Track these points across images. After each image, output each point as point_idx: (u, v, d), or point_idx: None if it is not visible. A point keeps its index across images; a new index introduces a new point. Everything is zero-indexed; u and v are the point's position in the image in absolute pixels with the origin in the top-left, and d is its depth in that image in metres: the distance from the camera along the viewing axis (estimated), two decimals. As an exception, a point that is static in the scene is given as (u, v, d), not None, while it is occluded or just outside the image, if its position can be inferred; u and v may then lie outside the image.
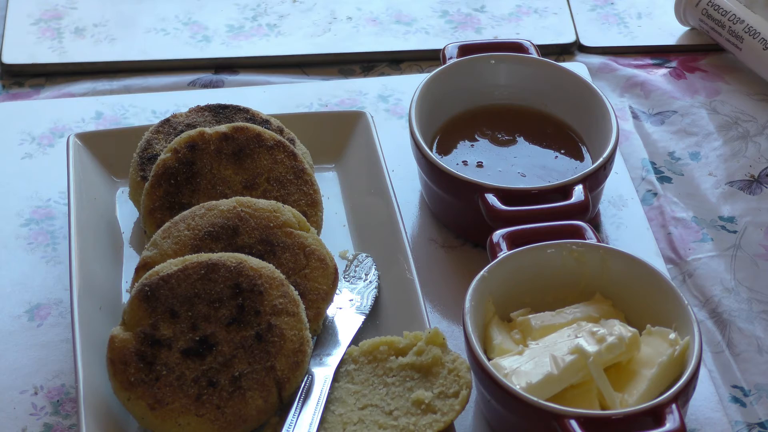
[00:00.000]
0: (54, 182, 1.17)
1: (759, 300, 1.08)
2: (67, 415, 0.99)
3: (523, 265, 1.00)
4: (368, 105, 1.26)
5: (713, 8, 1.31)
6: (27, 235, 1.12)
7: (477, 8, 1.40)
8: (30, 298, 1.07)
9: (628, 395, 0.92)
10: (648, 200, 1.17)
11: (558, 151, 1.16)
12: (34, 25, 1.35)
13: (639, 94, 1.29)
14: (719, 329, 1.06)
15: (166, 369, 0.93)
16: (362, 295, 1.04)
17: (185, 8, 1.38)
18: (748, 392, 1.02)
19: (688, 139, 1.24)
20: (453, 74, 1.18)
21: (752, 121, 1.25)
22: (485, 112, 1.19)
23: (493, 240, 1.02)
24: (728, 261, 1.12)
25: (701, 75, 1.31)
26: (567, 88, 1.18)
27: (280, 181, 1.06)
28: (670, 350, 0.94)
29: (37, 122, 1.23)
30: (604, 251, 1.01)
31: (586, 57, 1.33)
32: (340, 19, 1.37)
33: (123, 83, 1.29)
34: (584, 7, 1.39)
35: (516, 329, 0.98)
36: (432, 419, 0.92)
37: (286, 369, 0.94)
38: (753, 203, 1.17)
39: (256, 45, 1.34)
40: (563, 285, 1.01)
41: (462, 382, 0.94)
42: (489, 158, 1.15)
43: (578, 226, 1.03)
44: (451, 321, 1.05)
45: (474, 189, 1.07)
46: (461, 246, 1.12)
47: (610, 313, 0.99)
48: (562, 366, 0.92)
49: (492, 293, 0.99)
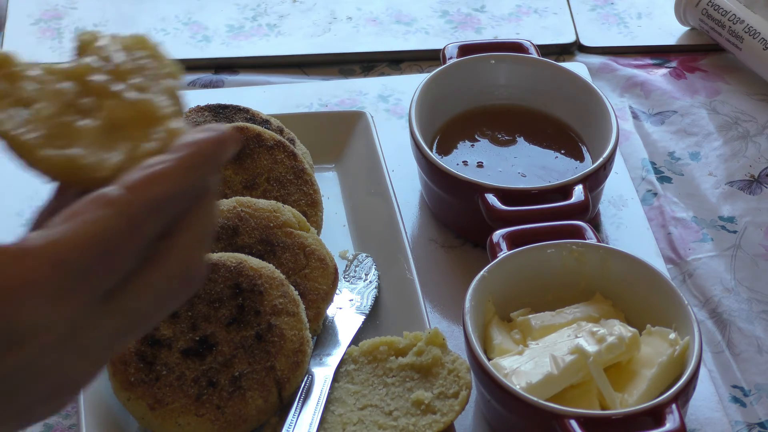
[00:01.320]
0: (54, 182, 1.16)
1: (759, 300, 1.08)
2: (66, 415, 0.99)
3: (523, 265, 1.00)
4: (368, 105, 1.26)
5: (713, 8, 1.31)
6: (27, 235, 1.12)
7: (477, 8, 1.40)
8: (30, 298, 1.07)
9: (628, 395, 0.92)
10: (648, 200, 1.17)
11: (558, 151, 1.16)
12: (34, 25, 1.35)
13: (639, 94, 1.29)
14: (719, 329, 1.06)
15: (166, 369, 0.92)
16: (362, 295, 1.04)
17: (185, 8, 1.38)
18: (748, 392, 1.02)
19: (688, 139, 1.24)
20: (453, 74, 1.18)
21: (752, 121, 1.25)
22: (485, 112, 1.19)
23: (493, 240, 1.02)
24: (728, 261, 1.12)
25: (701, 75, 1.31)
26: (567, 88, 1.18)
27: (280, 181, 1.06)
28: (670, 350, 0.94)
29: (37, 122, 1.23)
30: (604, 251, 1.01)
31: (586, 57, 1.33)
32: (340, 19, 1.37)
33: (123, 83, 1.29)
34: (584, 7, 1.39)
35: (516, 329, 0.98)
36: (432, 420, 0.92)
37: (286, 369, 0.93)
38: (753, 203, 1.17)
39: (256, 45, 1.34)
40: (563, 285, 1.01)
41: (462, 382, 0.94)
42: (489, 158, 1.15)
43: (578, 226, 1.03)
44: (451, 321, 1.05)
45: (474, 189, 1.07)
46: (461, 246, 1.12)
47: (610, 313, 0.99)
48: (562, 366, 0.92)
49: (492, 293, 0.99)
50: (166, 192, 0.60)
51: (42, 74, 0.64)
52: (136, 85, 0.65)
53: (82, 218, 0.58)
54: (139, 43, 0.67)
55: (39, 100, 0.62)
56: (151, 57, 0.67)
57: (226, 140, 0.63)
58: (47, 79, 0.64)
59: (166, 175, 0.60)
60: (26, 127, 0.61)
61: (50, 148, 0.61)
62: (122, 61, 0.66)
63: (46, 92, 0.63)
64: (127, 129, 0.63)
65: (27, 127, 0.62)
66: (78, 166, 0.61)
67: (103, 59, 0.65)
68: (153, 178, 0.60)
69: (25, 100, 0.62)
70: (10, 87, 0.62)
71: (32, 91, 0.63)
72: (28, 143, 0.61)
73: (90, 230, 0.58)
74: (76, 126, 0.62)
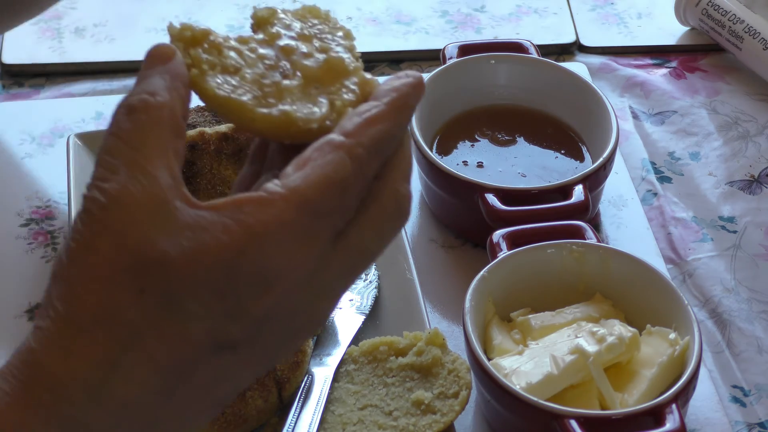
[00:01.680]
0: (54, 182, 1.17)
1: (759, 300, 1.08)
2: (67, 415, 0.99)
3: (523, 265, 1.00)
4: (368, 105, 1.26)
5: (713, 8, 1.31)
6: (27, 235, 1.12)
7: (477, 8, 1.40)
8: (30, 298, 1.07)
9: (628, 395, 0.92)
10: (648, 200, 1.17)
11: (558, 152, 1.16)
12: (34, 25, 1.35)
13: (639, 94, 1.29)
14: (719, 329, 1.06)
15: (166, 369, 0.92)
16: (362, 295, 1.04)
17: (185, 8, 1.38)
18: (748, 392, 1.02)
19: (688, 139, 1.24)
20: (453, 74, 1.18)
21: (752, 121, 1.25)
22: (485, 112, 1.19)
23: (493, 240, 1.02)
24: (728, 261, 1.12)
25: (701, 75, 1.31)
26: (567, 88, 1.18)
27: (280, 181, 1.06)
28: (670, 350, 0.94)
29: (37, 122, 1.23)
30: (604, 251, 1.01)
31: (586, 57, 1.33)
32: (340, 19, 1.37)
33: (123, 83, 1.29)
34: (584, 7, 1.39)
35: (516, 329, 0.98)
36: (432, 420, 0.92)
37: (286, 369, 0.93)
38: (753, 203, 1.17)
39: (256, 45, 1.34)
40: (563, 285, 1.01)
41: (462, 382, 0.94)
42: (489, 158, 1.15)
43: (578, 226, 1.03)
44: (451, 321, 1.05)
45: (474, 189, 1.07)
46: (461, 246, 1.12)
47: (610, 313, 0.99)
48: (562, 366, 0.92)
49: (492, 293, 0.99)
50: (382, 133, 0.65)
51: (238, 45, 0.70)
52: (319, 47, 0.72)
53: (315, 164, 0.63)
54: (311, 12, 0.74)
55: (244, 66, 0.68)
56: (324, 23, 0.74)
57: (421, 84, 0.70)
58: (244, 48, 0.70)
59: (380, 118, 0.66)
60: (241, 90, 0.67)
61: (264, 107, 0.67)
62: (301, 27, 0.72)
63: (248, 59, 0.69)
64: (323, 84, 0.70)
65: (241, 90, 0.67)
66: (292, 120, 0.67)
67: (285, 27, 0.72)
68: (370, 122, 0.65)
69: (231, 67, 0.68)
70: (217, 57, 0.68)
71: (235, 58, 0.69)
72: (246, 105, 0.67)
73: (326, 173, 0.63)
74: (282, 85, 0.68)
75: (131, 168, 0.62)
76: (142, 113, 0.63)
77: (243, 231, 0.61)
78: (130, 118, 0.64)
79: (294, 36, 0.72)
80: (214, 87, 0.67)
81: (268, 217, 0.61)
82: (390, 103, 0.67)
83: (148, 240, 0.60)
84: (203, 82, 0.67)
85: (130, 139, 0.63)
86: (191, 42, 0.69)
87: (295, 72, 0.69)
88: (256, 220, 0.61)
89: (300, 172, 0.63)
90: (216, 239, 0.60)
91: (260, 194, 0.62)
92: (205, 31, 0.69)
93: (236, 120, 0.67)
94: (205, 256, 0.60)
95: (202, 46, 0.69)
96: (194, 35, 0.69)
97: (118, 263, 0.60)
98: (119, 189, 0.61)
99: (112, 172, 0.62)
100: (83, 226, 0.61)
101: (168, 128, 0.63)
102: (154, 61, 0.68)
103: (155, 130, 0.63)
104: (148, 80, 0.66)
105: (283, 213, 0.61)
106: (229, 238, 0.61)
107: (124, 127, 0.64)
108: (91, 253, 0.60)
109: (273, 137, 0.68)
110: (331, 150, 0.64)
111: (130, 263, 0.60)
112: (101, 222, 0.61)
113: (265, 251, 0.61)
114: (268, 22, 0.73)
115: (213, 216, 0.61)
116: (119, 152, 0.63)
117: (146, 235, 0.60)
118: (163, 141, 0.63)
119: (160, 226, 0.61)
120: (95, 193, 0.62)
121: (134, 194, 0.61)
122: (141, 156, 0.62)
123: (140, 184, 0.61)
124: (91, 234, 0.61)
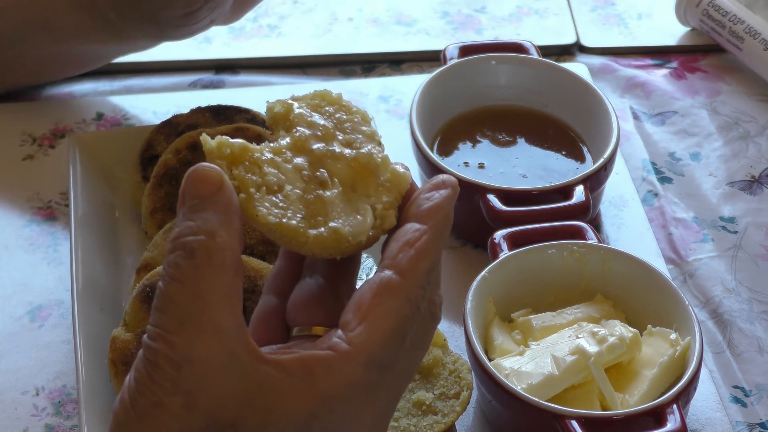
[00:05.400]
0: (55, 183, 1.17)
1: (760, 300, 1.08)
2: (68, 416, 0.99)
3: (524, 265, 1.00)
4: (369, 106, 1.26)
5: (714, 9, 1.31)
6: (28, 236, 1.12)
7: (477, 9, 1.40)
8: (31, 299, 1.07)
9: (629, 396, 0.92)
10: (649, 201, 1.17)
11: (559, 152, 1.16)
12: (34, 26, 1.35)
13: (639, 94, 1.29)
14: (720, 329, 1.06)
15: (168, 370, 0.92)
16: (363, 295, 1.04)
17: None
18: (748, 392, 1.02)
19: (689, 139, 1.24)
20: (454, 75, 1.18)
21: (753, 122, 1.26)
22: (486, 113, 1.19)
23: (494, 240, 1.02)
24: (729, 261, 1.12)
25: (702, 75, 1.31)
26: (568, 88, 1.18)
27: (281, 182, 1.06)
28: (671, 351, 0.94)
29: (38, 123, 1.23)
30: (605, 252, 1.01)
31: (586, 57, 1.33)
32: (341, 20, 1.37)
33: (124, 84, 1.29)
34: (585, 8, 1.39)
35: (517, 330, 0.98)
36: (433, 420, 0.92)
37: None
38: (753, 204, 1.17)
39: (256, 46, 1.34)
40: (564, 285, 1.01)
41: (463, 383, 0.94)
42: (490, 159, 1.15)
43: (579, 226, 1.03)
44: (451, 321, 1.05)
45: (475, 190, 1.07)
46: (462, 246, 1.12)
47: (611, 314, 0.99)
48: (563, 366, 0.92)
49: (493, 294, 0.99)
50: (431, 264, 0.67)
51: (273, 156, 0.67)
52: (344, 141, 0.70)
53: (377, 313, 0.64)
54: (324, 99, 0.72)
55: (284, 182, 0.66)
56: (340, 109, 0.72)
57: (457, 191, 0.69)
58: (279, 159, 0.67)
59: (430, 248, 0.66)
60: (288, 213, 0.65)
61: (313, 228, 0.65)
62: (324, 123, 0.70)
63: (286, 171, 0.67)
64: (359, 184, 0.68)
65: (288, 212, 0.65)
66: (342, 237, 0.66)
67: (308, 125, 0.69)
68: (421, 255, 0.66)
69: (274, 185, 0.66)
70: (259, 175, 0.66)
71: (276, 174, 0.66)
72: (298, 229, 0.65)
73: (388, 326, 0.64)
74: (324, 198, 0.66)
75: (199, 320, 0.60)
76: (204, 257, 0.61)
77: (315, 396, 0.61)
78: (192, 263, 0.61)
79: (319, 135, 0.69)
80: (266, 214, 0.64)
81: (338, 381, 0.62)
82: (435, 228, 0.67)
83: (221, 402, 0.60)
84: (252, 208, 0.64)
85: (195, 286, 0.61)
86: (232, 161, 0.66)
87: (333, 178, 0.67)
88: (327, 384, 0.61)
89: (363, 326, 0.63)
90: (289, 404, 0.61)
91: (328, 354, 0.62)
92: (243, 147, 0.66)
93: (287, 243, 0.65)
94: (279, 419, 0.60)
95: (244, 164, 0.65)
96: (234, 153, 0.66)
97: (191, 425, 0.60)
98: (188, 345, 0.60)
99: (180, 323, 0.60)
100: (152, 382, 0.60)
101: (232, 271, 0.62)
102: (201, 188, 0.65)
103: (220, 275, 0.61)
104: (202, 215, 0.63)
105: (353, 374, 0.62)
106: (302, 403, 0.61)
107: (187, 273, 0.61)
108: (162, 412, 0.60)
109: (324, 255, 0.66)
110: (390, 296, 0.64)
111: (203, 426, 0.60)
112: (172, 381, 0.60)
113: (337, 414, 0.62)
114: (287, 119, 0.70)
115: (283, 377, 0.61)
116: (184, 301, 0.61)
117: (218, 397, 0.60)
118: (227, 285, 0.61)
119: (231, 387, 0.60)
120: (162, 346, 0.60)
121: (204, 351, 0.60)
122: (207, 306, 0.60)
123: (209, 339, 0.60)
124: (162, 392, 0.60)
